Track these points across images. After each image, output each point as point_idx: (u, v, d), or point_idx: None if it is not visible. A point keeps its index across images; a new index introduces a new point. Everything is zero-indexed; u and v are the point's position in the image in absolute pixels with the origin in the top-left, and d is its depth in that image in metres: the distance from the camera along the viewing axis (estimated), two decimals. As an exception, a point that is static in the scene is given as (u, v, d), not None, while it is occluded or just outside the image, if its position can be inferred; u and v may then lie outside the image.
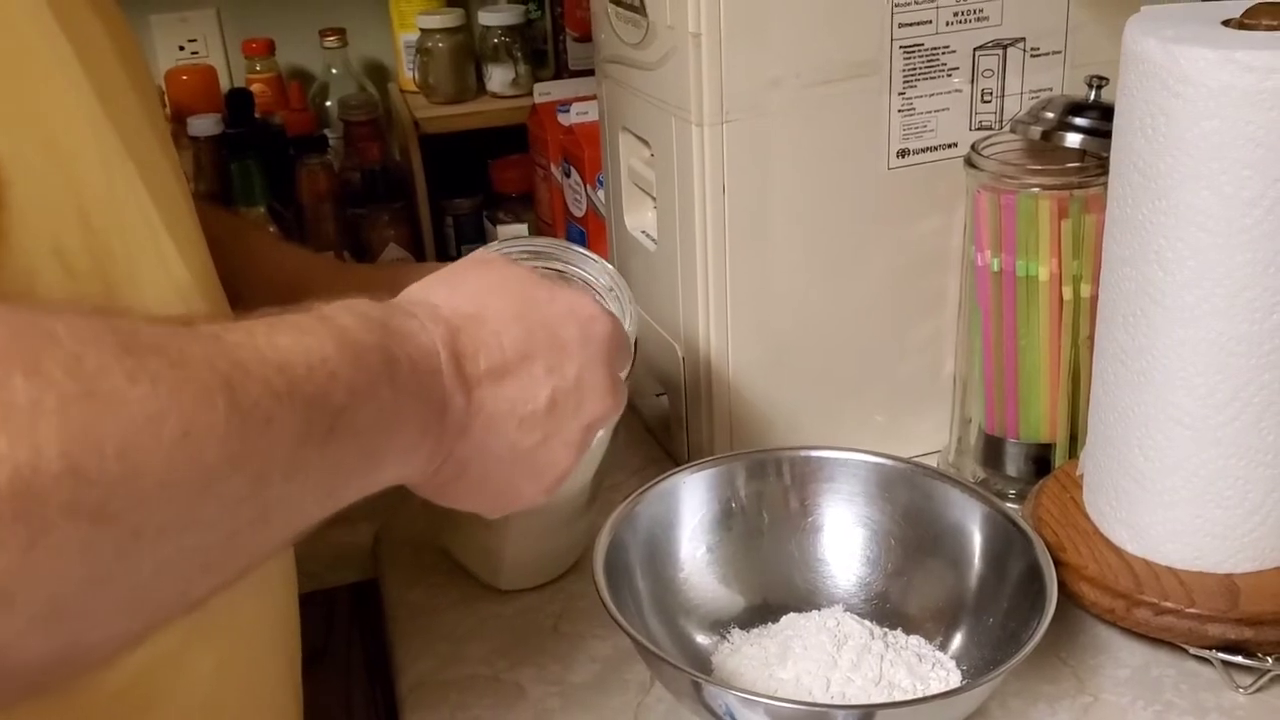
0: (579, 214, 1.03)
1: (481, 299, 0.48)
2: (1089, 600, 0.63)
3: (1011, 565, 0.61)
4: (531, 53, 1.21)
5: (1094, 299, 0.71)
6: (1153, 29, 0.57)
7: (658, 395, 0.85)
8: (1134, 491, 0.63)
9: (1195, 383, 0.59)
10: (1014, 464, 0.76)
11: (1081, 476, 0.69)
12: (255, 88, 1.21)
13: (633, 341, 0.65)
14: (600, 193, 0.94)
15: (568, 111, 1.02)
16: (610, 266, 0.68)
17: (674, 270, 0.76)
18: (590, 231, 1.00)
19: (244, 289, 0.69)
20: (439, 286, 0.49)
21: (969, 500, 0.64)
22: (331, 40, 1.24)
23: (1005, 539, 0.62)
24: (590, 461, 0.69)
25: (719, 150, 0.70)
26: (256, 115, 1.16)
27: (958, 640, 0.62)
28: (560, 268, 0.68)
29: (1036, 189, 0.69)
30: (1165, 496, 0.62)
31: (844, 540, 0.67)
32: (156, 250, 0.44)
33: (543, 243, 0.69)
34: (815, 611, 0.65)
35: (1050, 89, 0.76)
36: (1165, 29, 0.57)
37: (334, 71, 1.25)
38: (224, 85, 1.24)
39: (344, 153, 1.15)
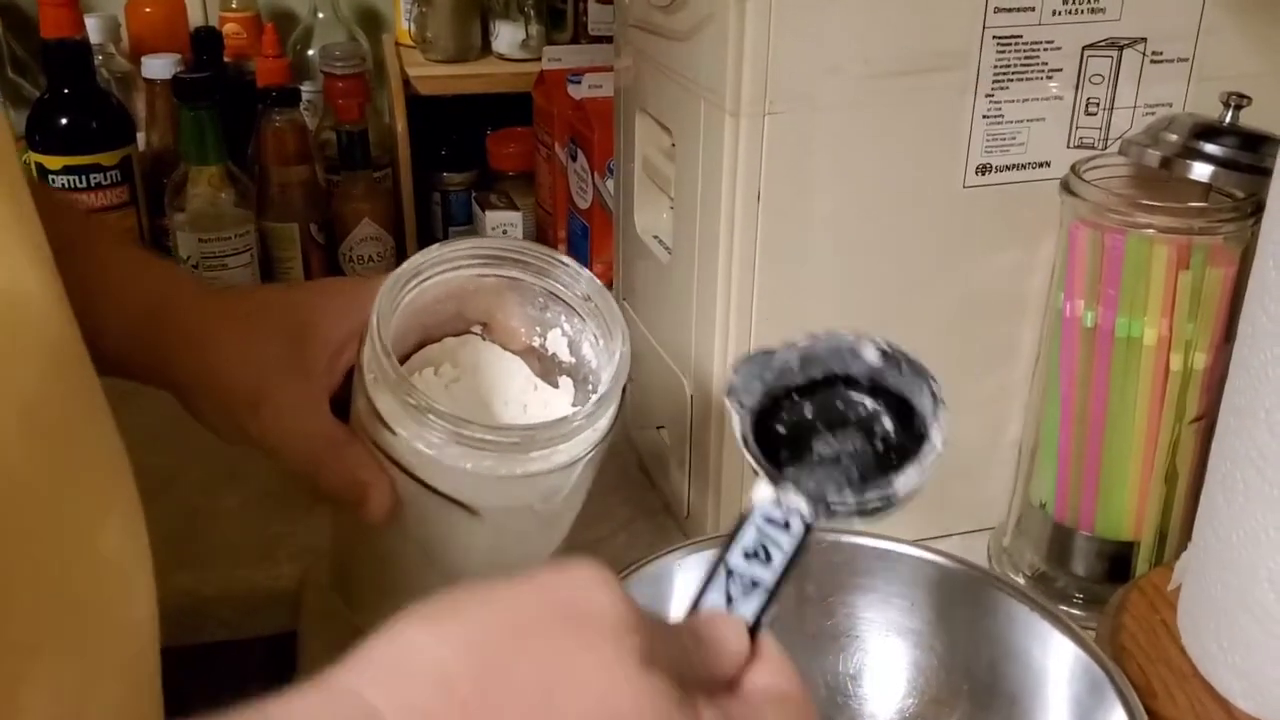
0: (584, 205, 0.88)
1: None
2: (1187, 769, 0.49)
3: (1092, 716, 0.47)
4: (547, 10, 1.07)
5: (1208, 372, 0.57)
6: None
7: (658, 428, 0.72)
8: (1255, 635, 0.49)
9: (1362, 509, 0.45)
10: (1083, 561, 0.62)
11: (1174, 594, 0.55)
12: (228, 27, 1.07)
13: (624, 373, 0.51)
14: (610, 183, 0.80)
15: (579, 83, 0.88)
16: (589, 273, 0.53)
17: (689, 288, 0.63)
18: (595, 228, 0.86)
19: (90, 316, 0.52)
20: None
21: (1042, 625, 0.50)
22: (322, -21, 1.09)
23: (1088, 684, 0.48)
24: (573, 502, 0.55)
25: (757, 147, 0.56)
26: (226, 59, 1.02)
27: (1015, 805, 0.49)
28: (517, 275, 0.53)
29: (1151, 230, 0.55)
30: (1300, 646, 0.48)
31: (876, 653, 0.54)
32: None
33: (499, 245, 0.53)
34: (834, 746, 0.52)
35: (1169, 104, 0.62)
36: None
37: (320, 15, 1.10)
38: (193, 22, 1.09)
39: (321, 110, 1.01)
